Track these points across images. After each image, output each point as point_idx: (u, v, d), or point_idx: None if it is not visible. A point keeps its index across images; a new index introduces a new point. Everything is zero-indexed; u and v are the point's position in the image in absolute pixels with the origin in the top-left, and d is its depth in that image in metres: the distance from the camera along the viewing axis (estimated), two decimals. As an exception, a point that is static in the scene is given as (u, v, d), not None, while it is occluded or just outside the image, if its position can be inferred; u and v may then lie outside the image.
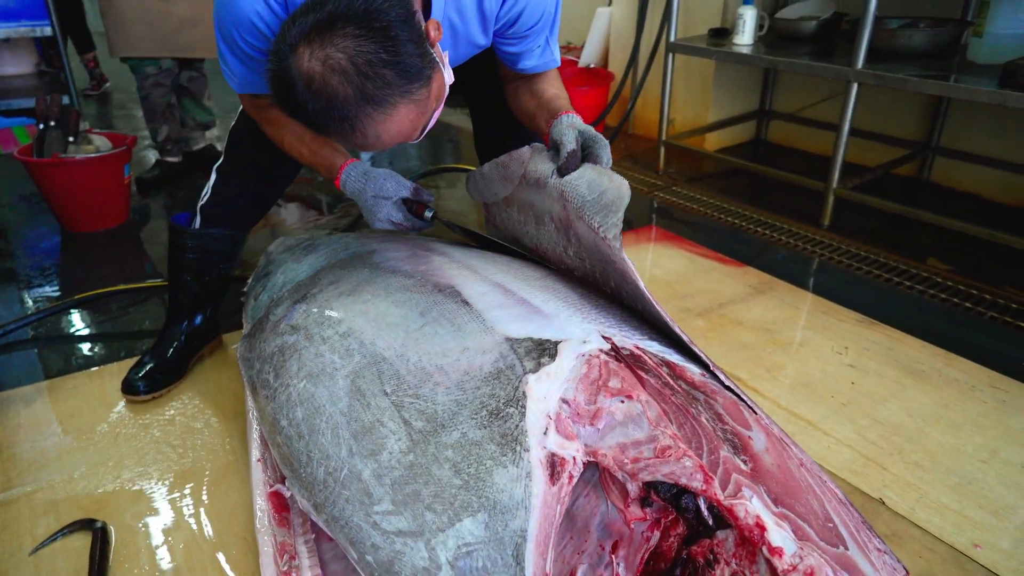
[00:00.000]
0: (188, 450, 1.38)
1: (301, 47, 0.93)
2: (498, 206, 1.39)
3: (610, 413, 0.84)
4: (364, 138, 1.00)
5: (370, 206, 1.33)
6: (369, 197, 1.32)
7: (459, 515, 0.77)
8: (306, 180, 2.98)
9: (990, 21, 2.23)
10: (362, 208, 1.35)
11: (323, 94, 0.94)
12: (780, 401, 1.55)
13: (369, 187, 1.31)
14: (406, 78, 0.96)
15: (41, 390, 1.58)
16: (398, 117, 0.98)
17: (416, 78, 0.97)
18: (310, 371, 0.96)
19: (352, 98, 0.94)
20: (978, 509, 1.26)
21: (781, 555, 0.76)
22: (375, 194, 1.31)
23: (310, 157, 1.35)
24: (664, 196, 2.82)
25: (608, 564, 0.86)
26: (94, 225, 2.40)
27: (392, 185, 1.32)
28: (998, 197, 2.68)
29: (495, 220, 1.45)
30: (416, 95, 0.99)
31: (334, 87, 0.93)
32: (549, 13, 1.31)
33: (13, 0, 3.35)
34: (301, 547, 0.95)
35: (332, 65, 0.92)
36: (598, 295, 1.12)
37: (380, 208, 1.32)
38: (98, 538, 1.14)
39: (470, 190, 1.46)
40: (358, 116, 0.96)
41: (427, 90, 1.01)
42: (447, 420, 0.84)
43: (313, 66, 0.93)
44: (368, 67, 0.93)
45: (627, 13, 3.41)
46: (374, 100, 0.95)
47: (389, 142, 1.03)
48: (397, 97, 0.96)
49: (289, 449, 0.93)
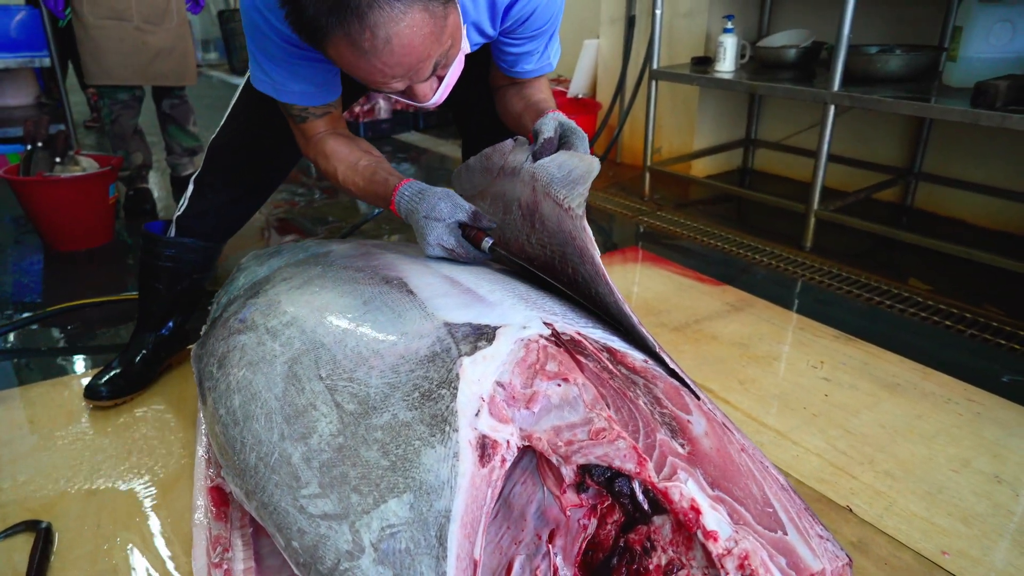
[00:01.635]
0: (144, 455, 1.36)
1: None
2: (473, 199, 1.37)
3: (546, 396, 0.83)
4: (373, 39, 0.88)
5: (422, 228, 1.18)
6: (421, 218, 1.17)
7: (384, 496, 0.75)
8: (292, 204, 3.01)
9: (963, 46, 2.26)
10: (415, 231, 1.21)
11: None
12: (751, 412, 1.52)
13: (422, 206, 1.17)
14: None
15: (3, 399, 1.56)
16: (412, 22, 0.89)
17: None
18: (251, 359, 0.95)
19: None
20: (947, 517, 1.22)
21: (716, 539, 0.74)
22: (427, 215, 1.16)
23: (364, 186, 1.26)
24: (649, 221, 2.83)
25: (545, 555, 0.83)
26: (78, 244, 2.41)
27: (447, 206, 1.17)
28: (981, 221, 2.68)
29: None
30: (433, 4, 0.90)
31: None
32: (556, 19, 1.30)
33: (14, 31, 3.43)
34: (236, 540, 0.92)
35: None
36: (549, 290, 1.11)
37: (432, 231, 1.17)
38: (40, 538, 1.12)
39: (455, 182, 1.44)
40: (372, 4, 0.86)
41: (444, 8, 0.93)
42: (379, 402, 0.82)
43: None
44: None
45: (614, 44, 3.48)
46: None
47: (401, 54, 0.91)
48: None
49: (225, 437, 0.91)
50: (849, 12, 2.17)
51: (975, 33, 2.23)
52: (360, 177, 1.26)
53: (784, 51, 2.78)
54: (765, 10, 3.15)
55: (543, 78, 1.45)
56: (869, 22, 2.78)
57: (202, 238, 1.56)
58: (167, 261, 1.56)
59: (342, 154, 1.28)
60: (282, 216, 2.89)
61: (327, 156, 1.29)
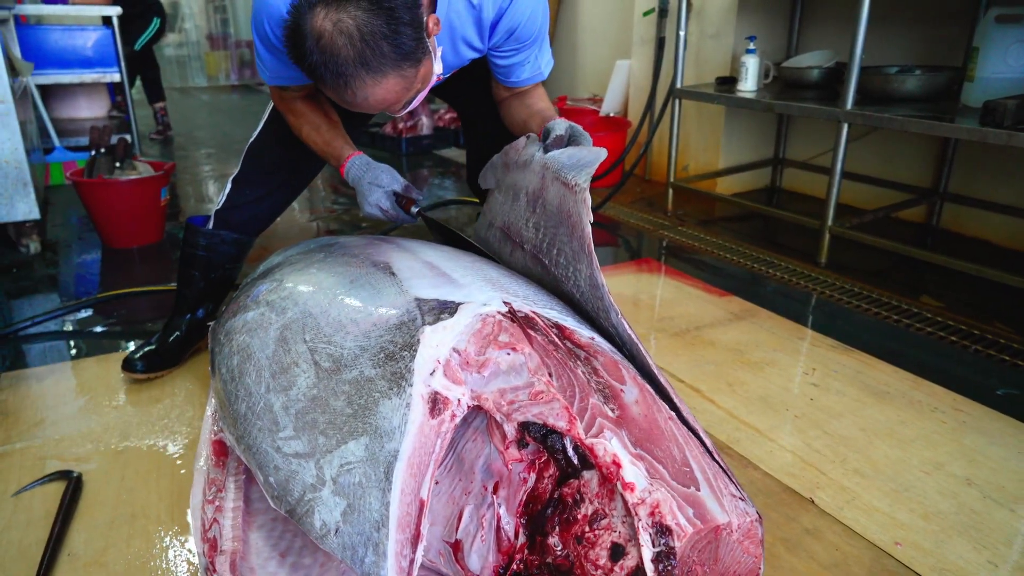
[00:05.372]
0: (170, 423, 1.52)
1: (319, 7, 1.09)
2: (491, 192, 1.56)
3: (496, 363, 0.93)
4: (354, 97, 1.14)
5: (364, 191, 1.48)
6: (365, 184, 1.48)
7: (345, 439, 0.87)
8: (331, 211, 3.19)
9: (980, 66, 2.28)
10: (358, 194, 1.51)
11: (328, 50, 1.09)
12: (733, 411, 1.58)
13: (368, 175, 1.48)
14: (399, 55, 1.12)
15: (53, 371, 1.75)
16: (386, 86, 1.14)
17: (408, 58, 1.13)
18: (250, 327, 1.09)
19: (351, 60, 1.09)
20: (908, 513, 1.26)
21: (632, 490, 0.83)
22: (371, 181, 1.47)
23: (322, 146, 1.53)
24: (670, 235, 2.90)
25: (490, 505, 0.93)
26: (131, 242, 2.64)
27: (387, 177, 1.48)
28: (1006, 242, 2.66)
29: (486, 207, 1.59)
30: (405, 72, 1.14)
31: (338, 47, 1.08)
32: (542, 31, 1.49)
33: (90, 51, 3.76)
34: (230, 484, 1.05)
35: (341, 28, 1.08)
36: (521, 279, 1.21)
37: (372, 193, 1.47)
38: (71, 485, 1.27)
39: (481, 181, 1.63)
40: (354, 76, 1.10)
41: (416, 70, 1.16)
42: (350, 361, 0.94)
43: (325, 25, 1.08)
44: (371, 37, 1.08)
45: (644, 64, 3.58)
46: (369, 66, 1.10)
47: (375, 105, 1.18)
48: (389, 69, 1.12)
49: (224, 392, 1.04)
50: (861, 33, 2.22)
51: (992, 53, 2.25)
52: (320, 139, 1.52)
53: (807, 71, 2.84)
54: (793, 31, 3.21)
55: (541, 88, 1.60)
56: (897, 43, 2.81)
57: (236, 230, 1.73)
58: (203, 251, 1.73)
59: (309, 116, 1.53)
60: (317, 220, 3.08)
61: (296, 114, 1.54)
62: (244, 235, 1.75)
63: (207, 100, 7.86)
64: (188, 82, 9.41)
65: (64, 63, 3.66)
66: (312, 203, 3.45)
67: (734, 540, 0.83)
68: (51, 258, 2.58)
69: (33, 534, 1.18)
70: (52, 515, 1.22)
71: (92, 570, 1.11)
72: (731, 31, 3.15)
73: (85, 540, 1.17)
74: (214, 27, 9.66)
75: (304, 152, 1.70)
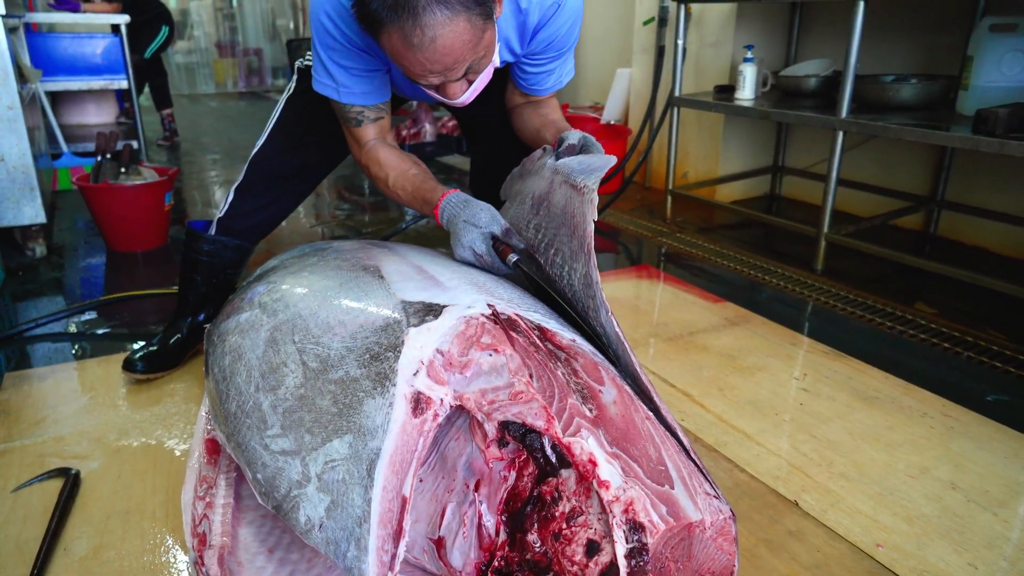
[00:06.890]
0: (169, 423, 1.55)
1: None
2: (505, 202, 1.54)
3: (478, 364, 0.95)
4: (422, 36, 1.06)
5: (459, 230, 1.31)
6: (461, 222, 1.30)
7: (330, 437, 0.89)
8: (333, 217, 3.22)
9: (974, 75, 2.30)
10: (452, 234, 1.33)
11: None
12: (722, 415, 1.60)
13: (464, 213, 1.31)
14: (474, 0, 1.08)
15: (55, 371, 1.79)
16: (457, 27, 1.07)
17: (481, 4, 1.09)
18: (243, 328, 1.12)
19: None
20: (892, 516, 1.27)
21: (608, 487, 0.85)
22: (467, 219, 1.30)
23: (411, 192, 1.42)
24: (668, 242, 2.92)
25: (472, 502, 0.95)
26: (135, 245, 2.68)
27: (486, 217, 1.31)
28: (1004, 250, 2.67)
29: None
30: (475, 18, 1.09)
31: None
32: (575, 41, 1.49)
33: (99, 58, 3.82)
34: (221, 481, 1.08)
35: None
36: (508, 282, 1.24)
37: (467, 233, 1.29)
38: (69, 481, 1.30)
39: (502, 193, 1.61)
40: (426, 8, 1.04)
41: (484, 25, 1.11)
42: (336, 362, 0.97)
43: None
44: None
45: (644, 73, 3.61)
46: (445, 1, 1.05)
47: (441, 53, 1.09)
48: (461, 8, 1.07)
49: (216, 391, 1.07)
50: (855, 41, 2.24)
51: (986, 62, 2.27)
52: (409, 183, 1.43)
53: (805, 80, 2.86)
54: (791, 40, 3.24)
55: (555, 99, 1.62)
56: (894, 52, 2.83)
57: (237, 237, 1.76)
58: (205, 256, 1.76)
59: (393, 163, 1.46)
60: (322, 226, 3.11)
61: (380, 163, 1.47)
62: (246, 242, 1.79)
63: (215, 107, 7.95)
64: (196, 89, 9.52)
65: (73, 70, 3.72)
66: (317, 209, 3.49)
67: (708, 537, 0.85)
68: (56, 261, 2.62)
69: (31, 530, 1.21)
70: (50, 511, 1.25)
71: (87, 565, 1.14)
72: (730, 40, 3.18)
73: (81, 536, 1.20)
74: (223, 35, 9.79)
75: (306, 163, 1.73)
